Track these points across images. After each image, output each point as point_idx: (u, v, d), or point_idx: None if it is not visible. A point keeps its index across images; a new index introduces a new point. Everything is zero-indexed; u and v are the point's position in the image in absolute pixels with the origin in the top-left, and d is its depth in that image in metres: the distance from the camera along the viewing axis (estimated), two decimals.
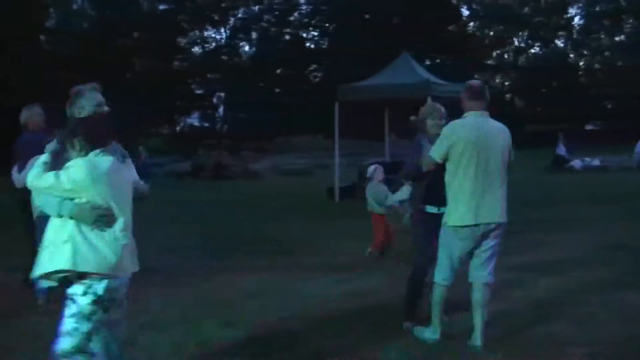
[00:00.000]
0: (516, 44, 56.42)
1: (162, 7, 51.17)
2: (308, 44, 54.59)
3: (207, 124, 54.24)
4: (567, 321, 7.04)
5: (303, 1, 53.18)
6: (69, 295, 4.61)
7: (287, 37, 53.71)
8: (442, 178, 6.37)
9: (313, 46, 54.52)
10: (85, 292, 4.54)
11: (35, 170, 4.65)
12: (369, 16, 49.35)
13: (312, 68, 53.70)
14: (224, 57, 52.92)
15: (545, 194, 18.31)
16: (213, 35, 54.42)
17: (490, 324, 6.46)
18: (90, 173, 4.54)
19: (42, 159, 4.70)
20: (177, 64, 51.96)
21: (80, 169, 4.54)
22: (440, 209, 6.57)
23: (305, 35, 54.57)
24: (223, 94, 53.00)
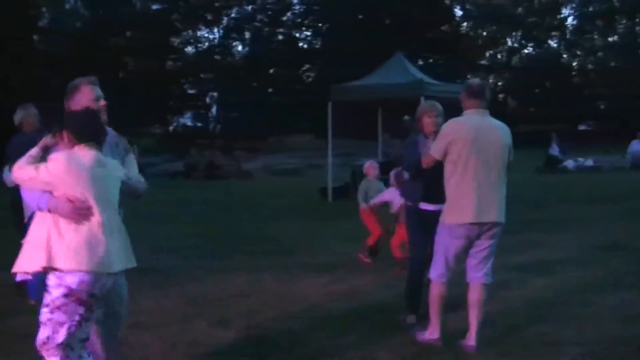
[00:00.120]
0: (509, 44, 56.56)
1: (155, 7, 51.20)
2: (301, 44, 54.64)
3: (200, 124, 54.31)
4: (563, 321, 7.03)
5: (296, 1, 53.23)
6: (46, 286, 4.56)
7: (280, 37, 53.75)
8: (439, 175, 6.36)
9: (306, 46, 54.56)
10: (59, 285, 4.45)
11: (20, 163, 4.61)
12: (362, 16, 49.41)
13: (305, 68, 53.71)
14: (217, 57, 52.96)
15: (539, 194, 18.32)
16: (206, 35, 54.52)
17: (486, 324, 6.43)
18: (67, 166, 4.49)
19: (30, 152, 4.66)
20: (170, 63, 52.02)
21: (59, 161, 4.50)
22: (437, 206, 6.57)
23: (298, 35, 54.61)
24: (216, 93, 53.05)
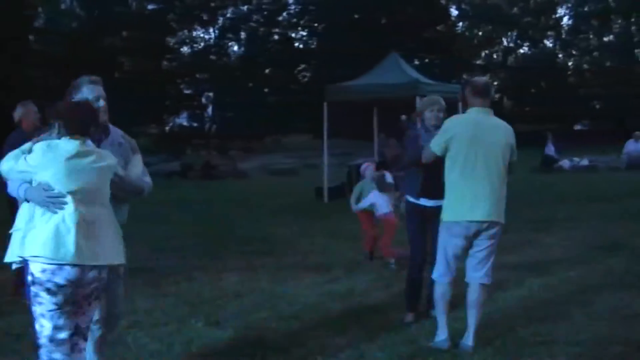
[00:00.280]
0: (505, 44, 56.60)
1: (150, 7, 51.16)
2: (297, 44, 54.63)
3: (196, 124, 54.28)
4: (560, 321, 7.03)
5: (292, 1, 53.22)
6: None
7: (276, 37, 53.77)
8: (439, 171, 6.35)
9: (302, 46, 54.55)
10: (28, 273, 4.46)
11: (8, 155, 4.64)
12: (357, 16, 49.41)
13: (300, 68, 53.71)
14: (212, 57, 52.95)
15: (535, 193, 18.29)
16: (202, 35, 54.50)
17: (483, 323, 6.46)
18: (43, 156, 4.49)
19: (23, 146, 4.67)
20: (165, 63, 51.97)
21: (37, 151, 4.51)
22: (435, 202, 6.57)
23: (294, 35, 54.60)
24: (212, 93, 53.03)
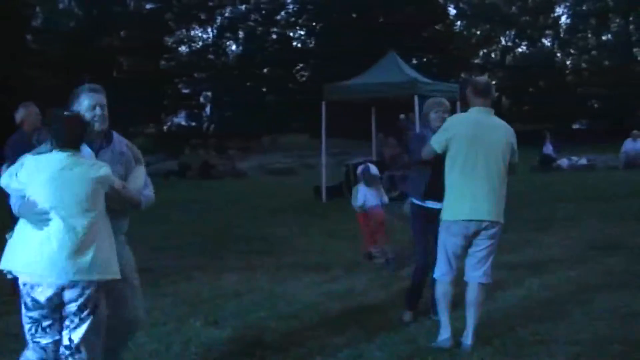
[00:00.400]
0: (503, 43, 56.54)
1: (148, 6, 51.08)
2: (295, 43, 54.56)
3: (194, 123, 54.20)
4: (559, 320, 7.04)
5: (290, 0, 53.13)
6: None
7: (274, 37, 53.69)
8: (443, 172, 6.37)
9: (300, 45, 54.49)
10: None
11: (9, 169, 4.65)
12: (355, 15, 49.36)
13: (298, 67, 53.66)
14: (210, 56, 52.88)
15: (534, 192, 18.25)
16: (200, 35, 54.45)
17: (482, 322, 6.46)
18: (29, 171, 4.50)
19: (20, 160, 4.67)
20: (163, 63, 51.91)
21: (26, 166, 4.53)
22: (441, 204, 6.59)
23: (292, 34, 54.54)
24: (210, 93, 52.98)
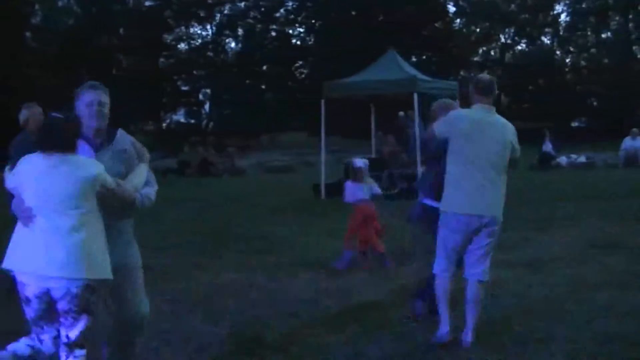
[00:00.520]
0: (502, 40, 56.51)
1: (147, 4, 51.07)
2: (294, 41, 54.53)
3: (193, 121, 54.17)
4: (556, 318, 7.03)
5: None
6: None
7: (273, 34, 53.66)
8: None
9: (299, 43, 54.46)
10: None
11: (12, 170, 4.83)
12: (355, 13, 49.32)
13: (298, 65, 53.62)
14: (209, 53, 52.86)
15: (534, 191, 18.22)
16: (199, 32, 54.43)
17: (482, 321, 6.46)
18: (19, 172, 4.69)
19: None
20: (163, 60, 51.91)
21: (18, 167, 4.72)
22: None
23: (291, 31, 54.52)
24: (209, 90, 52.97)
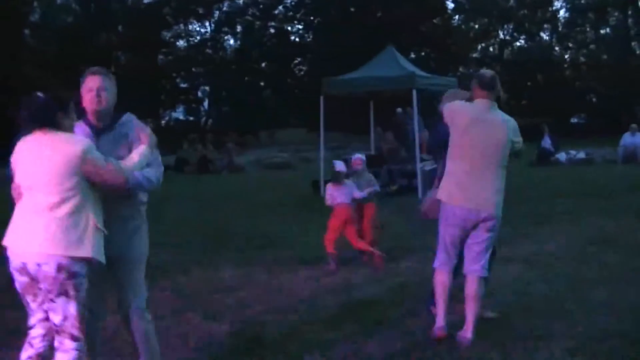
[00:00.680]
0: (501, 37, 56.50)
1: (146, 1, 51.02)
2: (293, 38, 54.50)
3: (192, 118, 54.13)
4: (555, 315, 7.04)
5: None
6: None
7: (272, 31, 53.61)
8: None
9: (298, 39, 54.41)
10: None
11: None
12: (353, 9, 49.31)
13: (296, 61, 53.60)
14: (208, 50, 52.83)
15: (532, 187, 18.21)
16: (197, 29, 54.41)
17: (481, 317, 6.46)
18: (15, 152, 4.80)
19: None
20: (161, 58, 51.87)
21: (15, 149, 4.81)
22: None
23: (290, 28, 54.47)
24: (208, 87, 52.94)
